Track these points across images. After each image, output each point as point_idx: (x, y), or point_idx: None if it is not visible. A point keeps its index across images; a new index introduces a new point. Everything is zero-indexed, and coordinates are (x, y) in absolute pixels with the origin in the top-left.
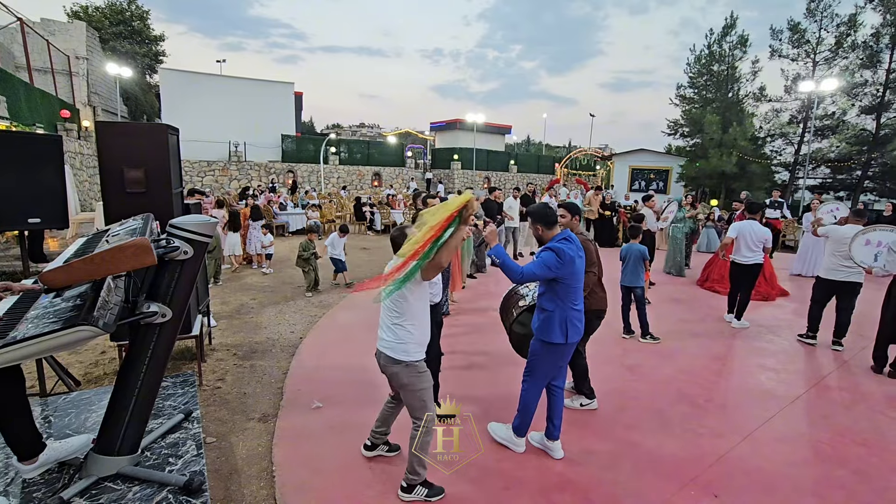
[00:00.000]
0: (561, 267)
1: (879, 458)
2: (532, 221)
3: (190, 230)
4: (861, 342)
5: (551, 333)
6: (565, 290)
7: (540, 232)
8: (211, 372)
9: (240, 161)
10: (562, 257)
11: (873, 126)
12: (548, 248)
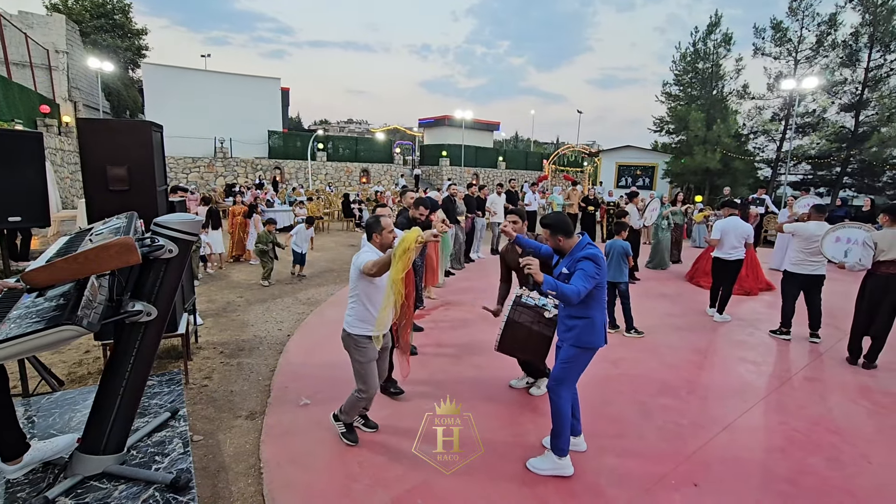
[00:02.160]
0: (599, 272)
1: (850, 446)
2: (552, 233)
3: (175, 228)
4: (837, 335)
5: (595, 338)
6: (601, 294)
7: (560, 243)
8: (198, 370)
9: (225, 157)
10: (599, 263)
11: (852, 123)
12: (584, 257)
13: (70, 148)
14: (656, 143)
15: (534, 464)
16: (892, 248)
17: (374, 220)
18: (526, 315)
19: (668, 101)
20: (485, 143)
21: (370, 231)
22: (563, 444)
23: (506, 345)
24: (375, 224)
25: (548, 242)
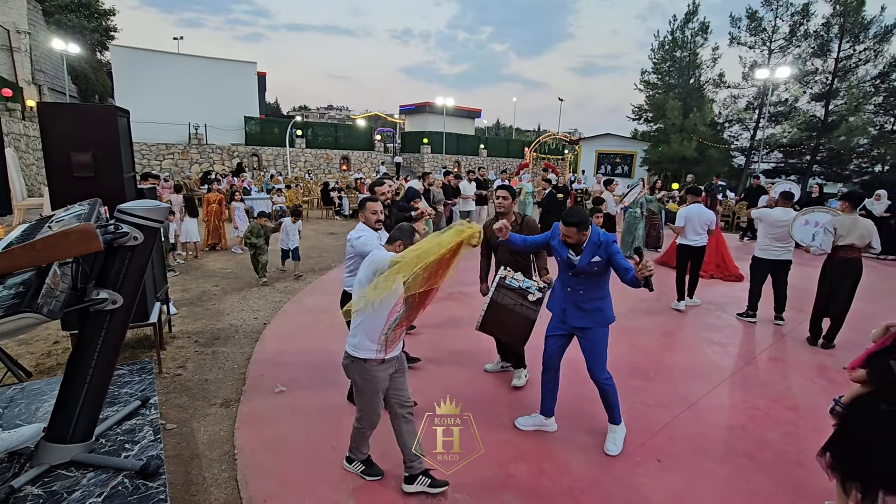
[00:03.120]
0: None
1: (806, 421)
2: (579, 230)
3: (139, 215)
4: (800, 317)
5: (613, 312)
6: (609, 276)
7: (581, 235)
8: (171, 359)
9: (200, 144)
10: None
11: (822, 113)
12: (612, 241)
13: (35, 133)
14: (636, 131)
15: (615, 445)
16: (850, 234)
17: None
18: (509, 297)
19: (647, 89)
20: (466, 130)
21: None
22: (619, 413)
23: (487, 325)
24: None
25: (571, 239)
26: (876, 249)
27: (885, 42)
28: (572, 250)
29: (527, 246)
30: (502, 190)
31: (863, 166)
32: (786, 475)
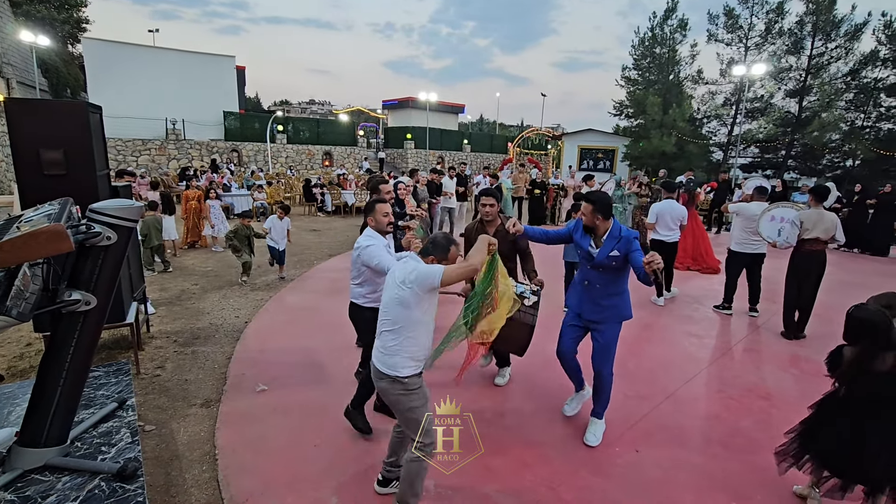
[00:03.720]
0: None
1: (778, 409)
2: (594, 210)
3: (112, 215)
4: (773, 308)
5: (630, 310)
6: (628, 273)
7: (598, 222)
8: (150, 360)
9: (178, 139)
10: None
11: (796, 109)
12: (634, 238)
13: (3, 129)
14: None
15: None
16: (816, 227)
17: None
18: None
19: (628, 85)
20: (450, 125)
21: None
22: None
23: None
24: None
25: (585, 219)
26: (840, 241)
27: (855, 40)
28: (593, 242)
29: (549, 239)
30: (488, 197)
31: (835, 161)
32: (758, 462)
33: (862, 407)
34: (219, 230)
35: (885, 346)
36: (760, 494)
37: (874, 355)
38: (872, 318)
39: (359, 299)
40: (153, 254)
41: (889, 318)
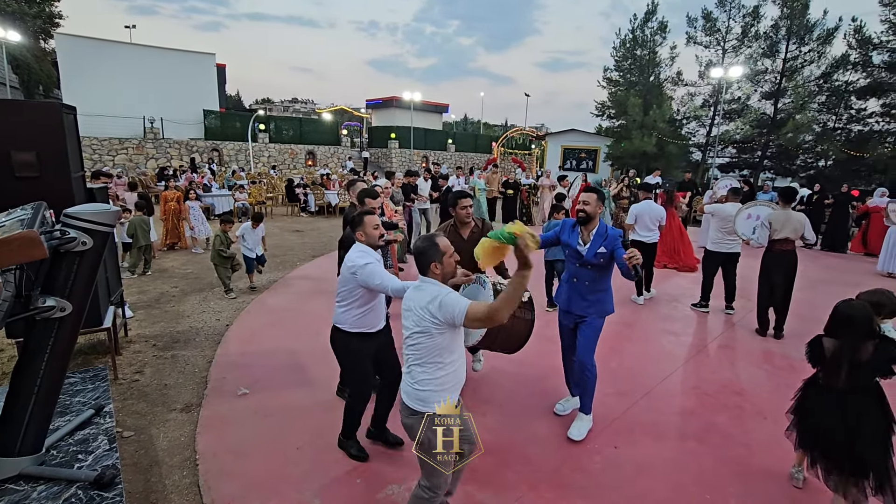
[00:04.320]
0: None
1: (751, 404)
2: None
3: (87, 220)
4: (748, 305)
5: (612, 305)
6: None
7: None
8: (128, 365)
9: (156, 138)
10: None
11: (772, 110)
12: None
13: None
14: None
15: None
16: (784, 228)
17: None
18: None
19: (610, 86)
20: (434, 125)
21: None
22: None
23: (487, 339)
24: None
25: (588, 208)
26: (809, 240)
27: (827, 44)
28: (581, 240)
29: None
30: (466, 199)
31: (808, 161)
32: (731, 456)
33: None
34: (199, 231)
35: (863, 337)
36: (733, 487)
37: (854, 347)
38: (850, 313)
39: (345, 324)
40: (141, 255)
41: (869, 312)
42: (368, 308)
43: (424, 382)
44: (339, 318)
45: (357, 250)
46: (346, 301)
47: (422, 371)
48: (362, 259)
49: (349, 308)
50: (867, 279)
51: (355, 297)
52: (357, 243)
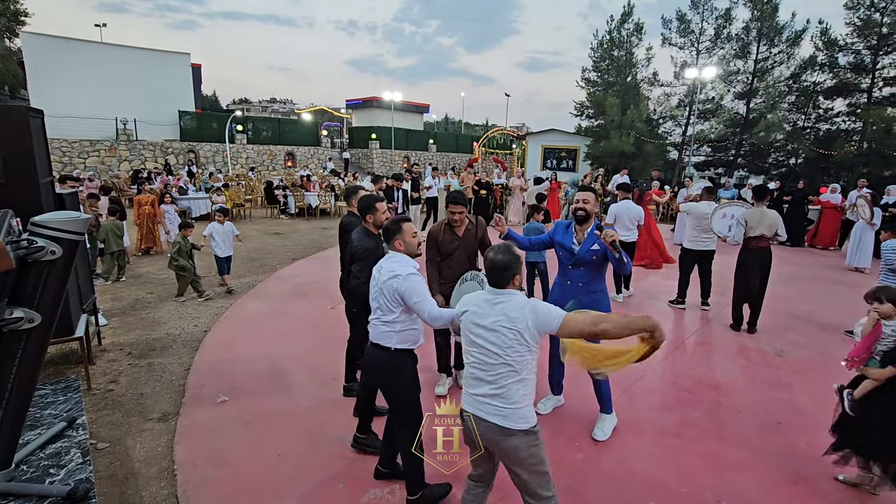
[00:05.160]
0: None
1: (726, 399)
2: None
3: (56, 228)
4: (724, 301)
5: (609, 306)
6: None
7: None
8: (102, 374)
9: (130, 140)
10: None
11: (744, 110)
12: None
13: None
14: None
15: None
16: (759, 225)
17: (515, 259)
18: None
19: (588, 86)
20: (415, 125)
21: (511, 274)
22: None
23: None
24: (517, 265)
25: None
26: (782, 237)
27: (795, 46)
28: (575, 240)
29: (531, 245)
30: (456, 205)
31: (780, 159)
32: (707, 449)
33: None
34: (175, 236)
35: None
36: (709, 480)
37: None
38: None
39: (388, 340)
40: (114, 261)
41: None
42: (413, 318)
43: (525, 398)
44: (382, 335)
45: (397, 260)
46: (389, 314)
47: (522, 387)
48: (405, 268)
49: (392, 322)
50: (836, 274)
51: (399, 309)
52: (392, 253)
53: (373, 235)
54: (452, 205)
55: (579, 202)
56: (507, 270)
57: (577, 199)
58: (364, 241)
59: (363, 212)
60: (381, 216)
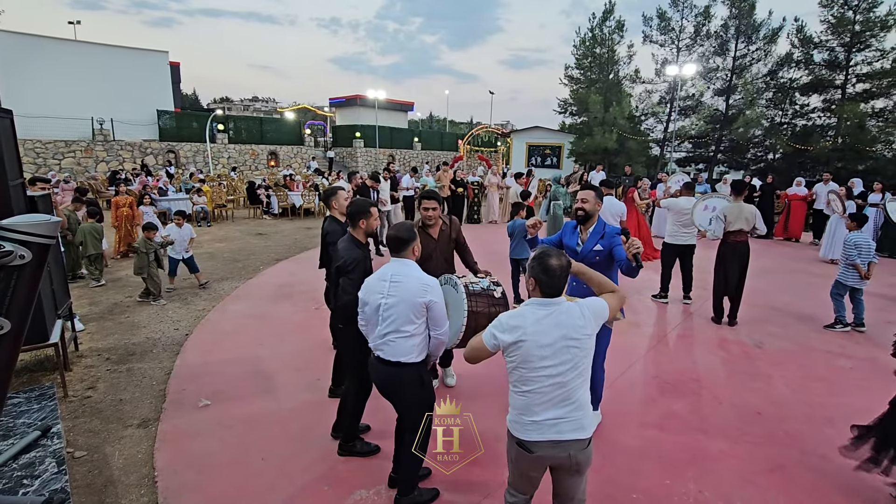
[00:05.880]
0: None
1: (707, 390)
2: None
3: (25, 231)
4: (705, 294)
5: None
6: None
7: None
8: (79, 381)
9: (107, 140)
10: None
11: (724, 106)
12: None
13: None
14: (563, 123)
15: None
16: (737, 220)
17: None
18: (481, 302)
19: (571, 83)
20: (399, 123)
21: (354, 219)
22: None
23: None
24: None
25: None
26: (761, 231)
27: (772, 43)
28: (580, 239)
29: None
30: (429, 200)
31: (758, 155)
32: (689, 441)
33: None
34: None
35: None
36: (691, 471)
37: None
38: None
39: (410, 355)
40: (91, 264)
41: None
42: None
43: (588, 403)
44: (404, 351)
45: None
46: (412, 327)
47: (585, 389)
48: (432, 280)
49: (415, 332)
50: (812, 266)
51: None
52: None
53: (361, 245)
54: (425, 200)
55: (579, 201)
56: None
57: (578, 199)
58: (352, 252)
59: (356, 216)
60: (375, 222)
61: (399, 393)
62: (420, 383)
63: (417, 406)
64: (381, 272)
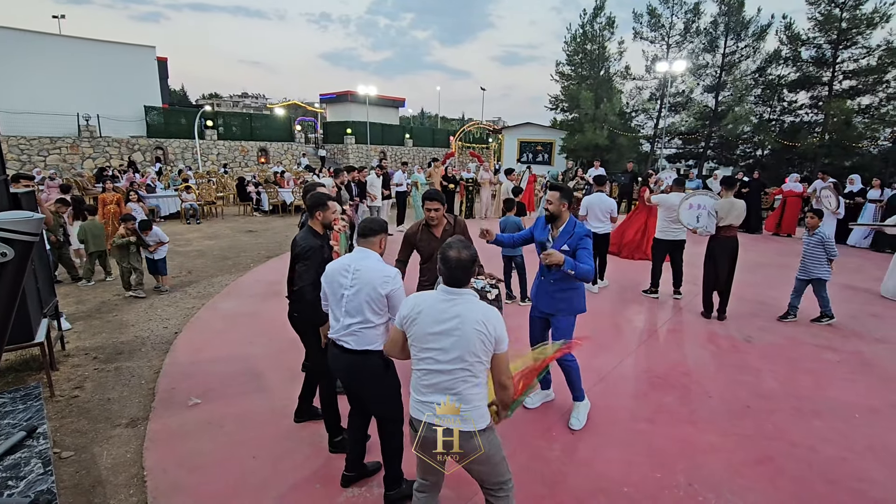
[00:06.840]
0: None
1: (697, 384)
2: (562, 197)
3: (6, 229)
4: (695, 289)
5: (583, 303)
6: None
7: (563, 209)
8: (66, 380)
9: (93, 137)
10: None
11: (713, 103)
12: (585, 236)
13: None
14: (554, 120)
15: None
16: (729, 215)
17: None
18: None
19: (562, 80)
20: (391, 119)
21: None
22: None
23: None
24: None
25: (551, 206)
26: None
27: (761, 40)
28: (551, 236)
29: (514, 242)
30: (432, 201)
31: (747, 151)
32: (679, 434)
33: None
34: None
35: None
36: (681, 463)
37: None
38: None
39: (376, 343)
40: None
41: None
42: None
43: (482, 397)
44: (371, 340)
45: (383, 262)
46: (379, 317)
47: (479, 388)
48: (393, 271)
49: (381, 322)
50: None
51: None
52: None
53: (318, 235)
54: (428, 201)
55: (546, 202)
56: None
57: (546, 199)
58: (309, 241)
59: (313, 208)
60: (331, 215)
61: (364, 380)
62: (385, 366)
63: (387, 392)
64: (341, 262)
